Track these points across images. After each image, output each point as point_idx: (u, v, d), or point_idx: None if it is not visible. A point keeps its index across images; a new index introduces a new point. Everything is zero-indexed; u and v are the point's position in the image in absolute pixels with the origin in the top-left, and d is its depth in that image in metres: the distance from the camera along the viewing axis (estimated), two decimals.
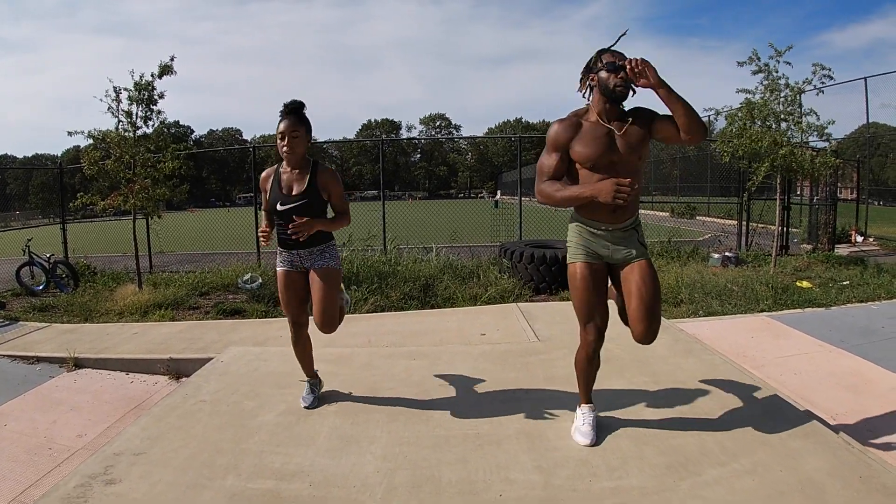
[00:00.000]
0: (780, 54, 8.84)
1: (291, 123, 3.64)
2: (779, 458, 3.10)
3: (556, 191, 3.16)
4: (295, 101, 3.71)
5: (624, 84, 3.05)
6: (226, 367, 5.02)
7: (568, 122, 3.22)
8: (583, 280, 3.27)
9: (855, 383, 4.80)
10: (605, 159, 3.10)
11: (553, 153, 3.21)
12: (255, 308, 8.14)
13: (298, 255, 3.83)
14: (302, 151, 3.72)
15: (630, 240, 3.28)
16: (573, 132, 3.17)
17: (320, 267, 3.81)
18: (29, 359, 6.23)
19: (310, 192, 3.71)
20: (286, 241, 3.77)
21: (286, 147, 3.65)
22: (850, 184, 18.56)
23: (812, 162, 9.09)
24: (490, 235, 12.99)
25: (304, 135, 3.69)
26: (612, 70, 3.06)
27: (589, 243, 3.29)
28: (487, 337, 5.96)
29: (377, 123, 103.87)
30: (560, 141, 3.18)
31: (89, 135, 8.75)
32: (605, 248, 3.27)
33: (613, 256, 3.28)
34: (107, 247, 15.13)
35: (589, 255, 3.29)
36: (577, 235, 3.33)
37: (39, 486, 3.75)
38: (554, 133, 3.21)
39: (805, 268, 9.79)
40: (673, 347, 5.11)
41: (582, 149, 3.13)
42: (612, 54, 3.10)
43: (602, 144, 3.10)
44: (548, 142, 3.24)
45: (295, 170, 3.76)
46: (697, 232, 16.23)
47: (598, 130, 3.14)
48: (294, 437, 3.62)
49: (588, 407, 3.58)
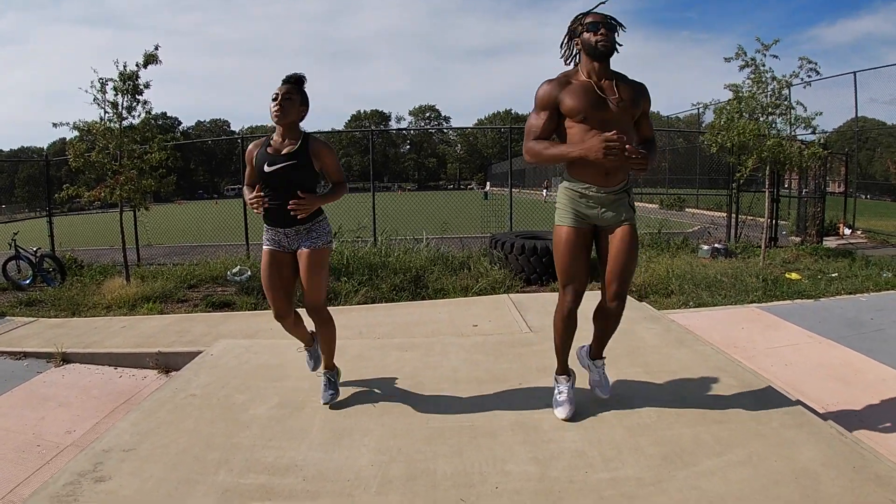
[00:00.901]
0: (767, 48, 8.90)
1: (287, 87, 3.57)
2: (773, 448, 3.10)
3: (543, 148, 3.20)
4: (296, 72, 3.65)
5: (605, 39, 3.10)
6: (216, 360, 4.97)
7: (556, 80, 3.25)
8: (567, 243, 3.31)
9: (845, 374, 4.83)
10: (596, 114, 3.13)
11: (541, 112, 3.25)
12: (244, 300, 8.09)
13: (285, 234, 3.67)
14: (294, 118, 3.60)
15: (620, 203, 3.31)
16: (560, 88, 3.20)
17: (308, 247, 3.66)
18: (16, 354, 6.16)
19: (299, 154, 3.57)
20: (271, 213, 3.62)
21: (277, 107, 3.52)
22: (838, 177, 18.66)
23: (800, 154, 9.13)
24: (480, 227, 13.00)
25: (297, 101, 3.59)
26: (592, 30, 3.12)
27: (578, 205, 3.31)
28: (479, 328, 5.95)
29: (366, 115, 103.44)
30: (548, 98, 3.22)
31: (74, 126, 8.69)
32: (594, 209, 3.29)
33: (602, 217, 3.31)
34: (94, 240, 15.05)
35: (576, 219, 3.32)
36: (566, 198, 3.34)
37: (28, 485, 3.71)
38: (541, 91, 3.25)
39: (794, 260, 9.85)
40: (665, 337, 5.12)
41: (571, 101, 3.15)
42: (592, 15, 3.18)
43: (592, 98, 3.14)
44: (536, 101, 3.28)
45: (286, 140, 3.62)
46: (687, 223, 16.32)
47: (587, 86, 3.17)
48: (286, 431, 3.59)
49: (564, 378, 3.68)
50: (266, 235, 3.75)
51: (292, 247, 3.71)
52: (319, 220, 3.75)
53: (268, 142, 3.68)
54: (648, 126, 3.38)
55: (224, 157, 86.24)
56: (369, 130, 34.54)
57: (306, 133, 3.69)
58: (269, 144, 3.65)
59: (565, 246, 3.32)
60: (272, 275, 3.72)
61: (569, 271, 3.35)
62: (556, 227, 3.38)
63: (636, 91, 3.23)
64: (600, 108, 3.13)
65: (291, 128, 3.63)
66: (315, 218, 3.72)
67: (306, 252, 3.66)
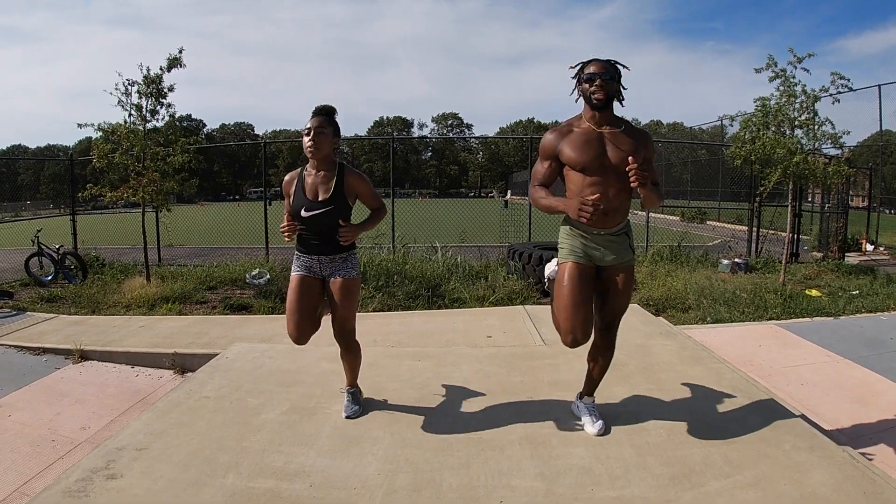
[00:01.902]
0: (800, 61, 8.67)
1: (319, 121, 3.57)
2: (783, 471, 3.07)
3: (540, 198, 3.34)
4: (327, 104, 3.67)
5: (600, 92, 3.18)
6: (231, 363, 5.02)
7: (558, 130, 3.36)
8: (570, 279, 3.30)
9: (862, 395, 4.77)
10: (595, 163, 3.20)
11: (543, 160, 3.39)
12: (262, 304, 8.16)
13: (319, 262, 3.68)
14: (327, 151, 3.60)
15: (621, 245, 3.38)
16: (561, 139, 3.31)
17: (342, 276, 3.67)
18: (35, 350, 6.25)
19: (336, 199, 3.58)
20: (308, 244, 3.66)
21: (311, 143, 3.53)
22: (861, 192, 18.41)
23: (824, 170, 9.01)
24: (499, 236, 12.99)
25: (330, 134, 3.59)
26: (588, 81, 3.22)
27: (581, 246, 3.36)
28: (493, 339, 5.95)
29: (389, 121, 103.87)
30: (549, 148, 3.34)
31: (99, 128, 8.79)
32: (597, 251, 3.34)
33: (604, 259, 3.35)
34: (116, 239, 15.22)
35: (581, 257, 3.35)
36: (568, 237, 3.40)
37: (42, 478, 3.77)
38: (545, 141, 3.38)
39: (814, 276, 9.74)
40: (680, 354, 5.08)
41: (570, 152, 3.25)
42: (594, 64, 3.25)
43: (591, 148, 3.21)
44: (540, 150, 3.42)
45: (320, 172, 3.63)
46: (707, 237, 16.18)
47: (588, 135, 3.26)
48: (296, 437, 3.61)
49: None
50: (297, 263, 3.75)
51: (323, 273, 3.71)
52: (354, 251, 3.79)
53: (303, 177, 3.68)
54: (652, 173, 3.35)
55: (247, 161, 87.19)
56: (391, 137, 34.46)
57: (341, 164, 3.69)
58: (303, 181, 3.66)
59: (569, 281, 3.30)
60: (300, 299, 3.68)
61: (572, 312, 3.26)
62: (561, 264, 3.42)
63: (637, 140, 3.27)
64: (599, 157, 3.21)
65: (325, 160, 3.64)
66: (351, 249, 3.76)
67: (342, 280, 3.67)
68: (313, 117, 3.60)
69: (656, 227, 13.18)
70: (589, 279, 3.35)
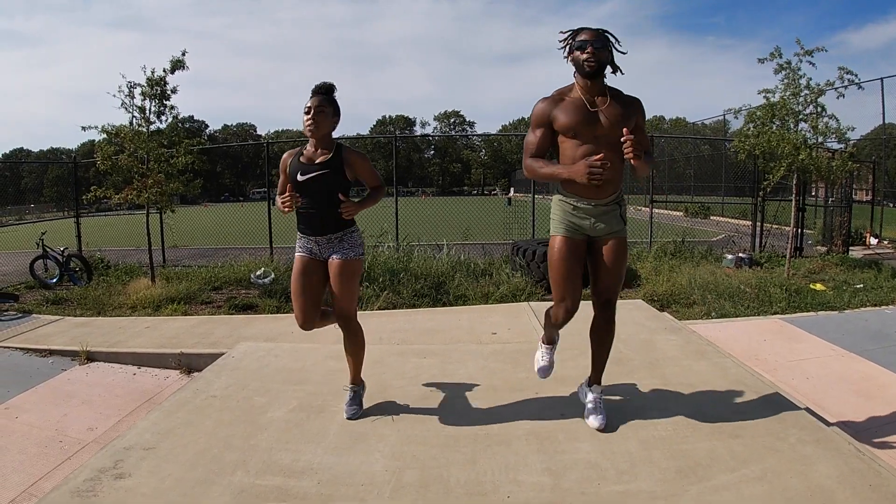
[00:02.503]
0: (808, 53, 8.65)
1: (319, 100, 3.57)
2: (789, 464, 3.07)
3: (539, 167, 3.33)
4: (326, 82, 3.66)
5: (592, 58, 3.16)
6: (237, 362, 5.04)
7: (550, 98, 3.35)
8: (560, 252, 3.37)
9: (867, 388, 4.77)
10: (587, 131, 3.22)
11: (536, 129, 3.37)
12: (267, 303, 8.18)
13: (317, 242, 3.68)
14: (327, 130, 3.61)
15: (612, 214, 3.38)
16: (553, 106, 3.30)
17: (341, 257, 3.67)
18: (41, 352, 6.27)
19: (332, 164, 3.59)
20: (304, 221, 3.67)
21: (310, 121, 3.53)
22: (865, 185, 18.41)
23: (828, 164, 8.98)
24: (502, 233, 12.98)
25: (329, 114, 3.60)
26: (580, 48, 3.19)
27: (571, 217, 3.38)
28: (498, 336, 5.96)
29: (392, 119, 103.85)
30: (541, 116, 3.33)
31: (103, 130, 8.81)
32: (586, 220, 3.36)
33: (595, 228, 3.37)
34: (120, 240, 15.26)
35: (570, 229, 3.39)
36: (560, 210, 3.42)
37: (50, 479, 3.78)
38: (536, 109, 3.36)
39: (819, 270, 9.73)
40: (684, 349, 5.09)
41: (563, 118, 3.25)
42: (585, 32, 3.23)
43: (583, 115, 3.22)
44: (531, 118, 3.39)
45: (318, 149, 3.64)
46: (711, 232, 16.14)
47: (579, 103, 3.26)
48: (303, 434, 3.63)
49: (548, 346, 3.85)
50: (299, 244, 3.77)
51: (324, 255, 3.71)
52: (352, 230, 3.76)
53: (301, 151, 3.70)
54: (644, 140, 3.37)
55: (250, 161, 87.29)
56: (393, 136, 34.48)
57: (339, 143, 3.71)
58: (302, 154, 3.68)
59: (559, 253, 3.38)
60: (303, 281, 3.71)
61: (562, 284, 3.39)
62: (552, 237, 3.45)
63: (628, 107, 3.29)
64: (591, 125, 3.22)
65: (324, 139, 3.65)
66: (348, 227, 3.73)
67: (339, 262, 3.67)
68: (313, 96, 3.60)
69: (660, 223, 13.18)
70: (579, 251, 3.41)
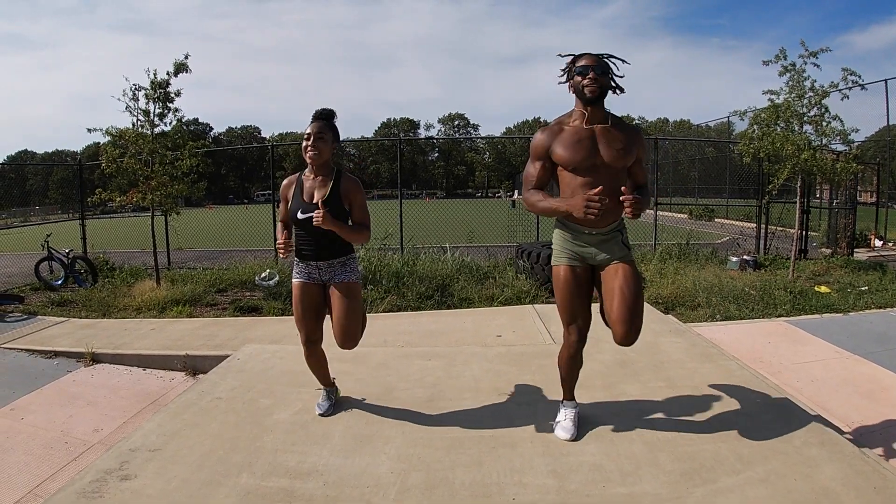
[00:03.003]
0: (813, 55, 8.64)
1: (319, 126, 3.59)
2: (793, 466, 3.08)
3: (537, 201, 3.23)
4: (326, 108, 3.69)
5: (593, 85, 3.09)
6: (242, 364, 5.05)
7: (549, 129, 3.28)
8: (566, 283, 3.32)
9: (872, 391, 4.76)
10: (586, 162, 3.13)
11: (535, 161, 3.29)
12: (271, 306, 8.19)
13: (317, 267, 3.70)
14: (326, 156, 3.63)
15: (613, 242, 3.30)
16: (552, 138, 3.21)
17: (340, 281, 3.68)
18: (47, 353, 6.29)
19: (331, 200, 3.59)
20: (305, 251, 3.68)
21: (311, 148, 3.56)
22: (869, 187, 18.35)
23: (833, 166, 8.97)
24: (507, 236, 12.97)
25: (330, 140, 3.62)
26: (581, 73, 3.12)
27: (573, 247, 3.32)
28: (503, 338, 5.96)
29: (396, 122, 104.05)
30: (540, 148, 3.25)
31: (107, 132, 8.85)
32: (590, 249, 3.29)
33: (597, 258, 3.30)
34: (125, 243, 15.30)
35: (572, 259, 3.33)
36: (561, 239, 3.37)
37: (55, 480, 3.80)
38: (535, 141, 3.28)
39: (823, 272, 9.72)
40: (690, 352, 5.08)
41: (562, 151, 3.16)
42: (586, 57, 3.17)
43: (582, 147, 3.13)
44: (531, 151, 3.31)
45: (318, 177, 3.65)
46: (716, 234, 16.15)
47: (579, 133, 3.17)
48: (309, 436, 3.64)
49: (571, 403, 3.71)
50: (297, 269, 3.78)
51: (323, 278, 3.73)
52: (352, 256, 3.78)
53: (301, 181, 3.71)
54: (642, 173, 3.36)
55: (254, 164, 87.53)
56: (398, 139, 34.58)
57: (338, 170, 3.72)
58: (301, 185, 3.69)
59: (564, 284, 3.32)
60: (305, 305, 3.74)
61: (570, 309, 3.35)
62: (554, 267, 3.40)
63: (629, 137, 3.21)
64: (591, 156, 3.13)
65: (324, 165, 3.67)
66: (348, 252, 3.75)
67: (342, 285, 3.68)
68: (313, 122, 3.62)
69: (664, 226, 13.15)
70: (582, 280, 3.34)
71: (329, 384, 4.13)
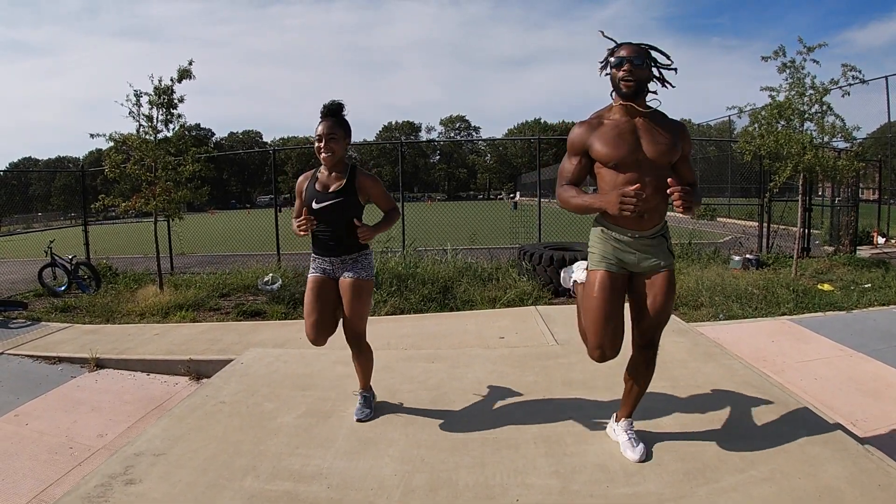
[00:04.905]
0: (811, 51, 8.58)
1: (329, 125, 3.57)
2: (797, 465, 3.07)
3: (571, 197, 3.00)
4: (334, 101, 3.64)
5: (629, 77, 2.89)
6: (246, 368, 5.06)
7: (587, 123, 3.04)
8: (602, 290, 3.03)
9: (876, 388, 4.76)
10: (629, 158, 2.90)
11: (572, 157, 3.06)
12: (275, 310, 8.19)
13: (331, 262, 3.71)
14: (340, 154, 3.62)
15: (659, 248, 3.08)
16: (590, 132, 2.99)
17: (352, 277, 3.69)
18: (51, 359, 6.32)
19: (346, 191, 3.60)
20: (321, 244, 3.69)
21: (324, 150, 3.55)
22: (871, 184, 18.30)
23: (834, 164, 8.94)
24: (509, 237, 12.97)
25: (341, 137, 3.60)
26: (617, 66, 2.92)
27: (614, 251, 3.06)
28: (506, 340, 5.96)
29: (397, 125, 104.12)
30: (577, 143, 3.02)
31: (110, 138, 8.88)
32: (632, 256, 3.05)
33: (640, 265, 3.06)
34: (128, 248, 15.32)
35: (613, 264, 3.07)
36: (601, 242, 3.10)
37: (60, 485, 3.82)
38: (573, 135, 3.05)
39: (826, 270, 9.69)
40: (693, 352, 5.08)
41: (601, 147, 2.94)
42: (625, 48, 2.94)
43: (624, 142, 2.92)
44: (568, 145, 3.08)
45: (333, 173, 3.66)
46: (718, 234, 16.13)
47: (620, 127, 2.96)
48: (313, 439, 3.64)
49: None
50: (313, 265, 3.79)
51: (337, 274, 3.73)
52: (366, 252, 3.79)
53: (315, 176, 3.71)
54: (689, 171, 3.12)
55: (256, 168, 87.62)
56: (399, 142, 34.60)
57: (353, 165, 3.71)
58: (316, 179, 3.69)
59: (600, 293, 3.03)
60: (317, 299, 3.71)
61: (603, 328, 3.03)
62: (590, 272, 3.14)
63: (674, 133, 3.00)
64: (632, 152, 2.91)
65: (339, 162, 3.67)
66: (363, 249, 3.76)
67: (352, 280, 3.68)
68: (322, 120, 3.61)
69: None
70: (621, 289, 3.09)
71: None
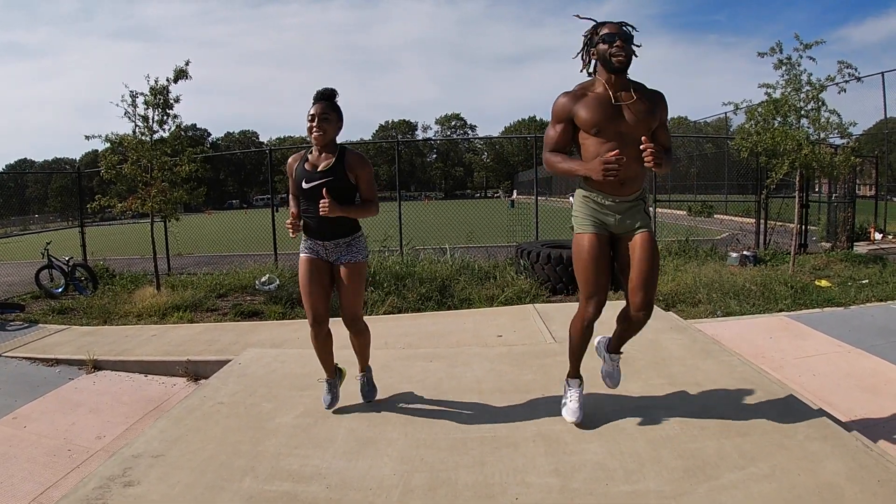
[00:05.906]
0: (808, 48, 8.61)
1: (322, 107, 3.58)
2: (797, 461, 3.07)
3: (557, 162, 3.28)
4: (327, 88, 3.67)
5: (621, 52, 3.09)
6: (244, 369, 5.05)
7: (572, 93, 3.27)
8: (591, 250, 3.29)
9: (874, 384, 4.75)
10: (610, 128, 3.14)
11: (557, 124, 3.30)
12: (272, 310, 8.18)
13: (323, 246, 3.71)
14: (332, 135, 3.64)
15: (636, 210, 3.32)
16: (575, 101, 3.22)
17: (347, 262, 3.70)
18: (48, 361, 6.30)
19: (336, 170, 3.60)
20: (311, 226, 3.68)
21: (315, 129, 3.56)
22: (868, 180, 18.35)
23: (831, 160, 8.95)
24: (506, 236, 12.97)
25: (334, 119, 3.63)
26: (608, 41, 3.12)
27: (595, 213, 3.32)
28: (504, 338, 5.96)
29: (394, 124, 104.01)
30: (563, 111, 3.25)
31: (106, 139, 8.86)
32: (611, 218, 3.31)
33: (619, 226, 3.32)
34: (125, 249, 15.30)
35: (596, 226, 3.32)
36: (583, 206, 3.36)
37: (59, 488, 3.81)
38: (557, 104, 3.28)
39: (824, 266, 9.71)
40: (691, 348, 5.08)
41: (585, 114, 3.17)
42: (608, 25, 3.18)
43: (606, 111, 3.15)
44: (552, 113, 3.31)
45: (323, 153, 3.66)
46: (715, 231, 16.13)
47: (603, 99, 3.18)
48: (311, 439, 3.63)
49: (576, 381, 3.71)
50: (304, 245, 3.79)
51: (330, 258, 3.74)
52: (358, 235, 3.80)
53: (305, 157, 3.72)
54: (665, 136, 3.36)
55: (253, 168, 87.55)
56: (395, 141, 34.57)
57: (343, 147, 3.72)
58: (306, 159, 3.70)
59: (588, 253, 3.29)
60: (311, 279, 3.72)
61: (592, 280, 3.31)
62: (577, 234, 3.37)
63: (654, 102, 3.24)
64: (615, 121, 3.14)
65: (329, 144, 3.68)
66: (354, 233, 3.77)
67: (348, 265, 3.71)
68: (315, 103, 3.62)
69: (664, 223, 13.17)
70: (605, 247, 3.34)
71: (331, 374, 4.06)
